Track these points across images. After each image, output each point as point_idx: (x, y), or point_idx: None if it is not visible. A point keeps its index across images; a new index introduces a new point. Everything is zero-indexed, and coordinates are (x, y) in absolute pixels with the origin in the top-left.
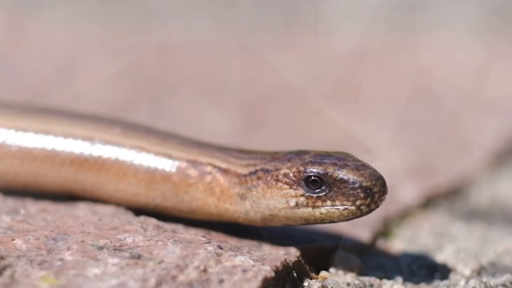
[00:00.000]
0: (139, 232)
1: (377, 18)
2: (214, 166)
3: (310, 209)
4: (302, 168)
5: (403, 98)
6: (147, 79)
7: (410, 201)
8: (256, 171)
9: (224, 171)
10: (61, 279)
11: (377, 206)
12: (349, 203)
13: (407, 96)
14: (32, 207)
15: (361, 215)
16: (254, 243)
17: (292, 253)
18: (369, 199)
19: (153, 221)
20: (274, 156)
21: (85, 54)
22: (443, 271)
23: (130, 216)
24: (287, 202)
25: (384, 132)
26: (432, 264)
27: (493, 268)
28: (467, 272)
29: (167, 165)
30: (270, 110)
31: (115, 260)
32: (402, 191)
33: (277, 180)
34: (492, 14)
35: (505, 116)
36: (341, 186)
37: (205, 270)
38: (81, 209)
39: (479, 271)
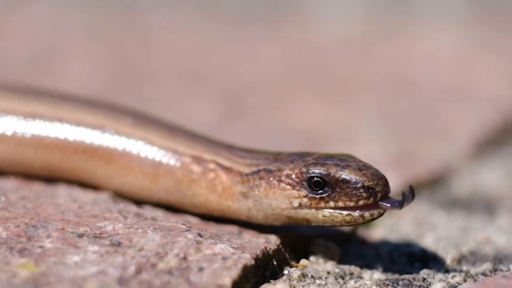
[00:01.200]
0: (119, 220)
1: (360, 9)
2: (218, 164)
3: (313, 211)
4: (304, 169)
5: (385, 87)
6: (129, 67)
7: (391, 189)
8: (259, 170)
9: (227, 169)
10: (41, 266)
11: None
12: (352, 203)
13: (389, 85)
14: (12, 194)
15: (363, 222)
16: (234, 231)
17: (272, 241)
18: (372, 199)
19: (133, 208)
20: (277, 157)
21: (67, 42)
22: (424, 260)
23: (110, 204)
24: (291, 202)
25: (366, 121)
26: (413, 252)
27: (473, 257)
28: (447, 260)
29: (172, 159)
30: (252, 98)
31: (95, 247)
32: None
33: (280, 181)
34: (474, 4)
35: (486, 105)
36: (343, 187)
37: (185, 258)
38: (62, 197)
39: (460, 260)
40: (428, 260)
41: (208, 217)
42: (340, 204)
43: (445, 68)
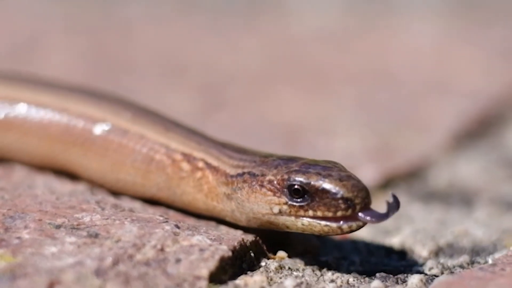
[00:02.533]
0: (96, 211)
1: (339, 2)
2: (206, 163)
3: (293, 218)
4: (286, 176)
5: (363, 80)
6: (108, 59)
7: (369, 181)
8: (243, 173)
9: (214, 169)
10: (18, 257)
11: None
12: (330, 214)
13: (368, 78)
14: None
15: (342, 234)
16: (212, 223)
17: (249, 233)
18: (350, 211)
19: (110, 200)
20: (264, 160)
21: (46, 35)
22: (401, 252)
23: (88, 195)
24: (271, 208)
25: (344, 113)
26: (390, 245)
27: (451, 249)
28: (424, 253)
29: (163, 156)
30: (231, 91)
31: (72, 238)
32: (361, 172)
33: (262, 186)
34: None
35: (464, 98)
36: (323, 196)
37: (162, 249)
38: (40, 188)
39: (437, 252)
40: (405, 252)
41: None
42: (319, 214)
43: (424, 61)
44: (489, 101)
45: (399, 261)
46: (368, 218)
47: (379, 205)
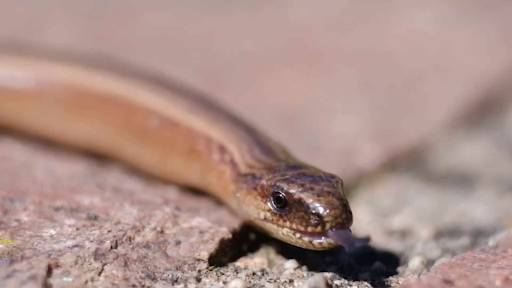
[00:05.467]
0: (96, 193)
1: None
2: (231, 158)
3: (275, 226)
4: (272, 183)
5: (364, 63)
6: (107, 42)
7: (368, 163)
8: (248, 174)
9: (233, 165)
10: (16, 240)
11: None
12: (302, 228)
13: (368, 61)
14: None
15: (314, 249)
16: (213, 205)
17: None
18: (319, 228)
19: (111, 182)
20: (272, 165)
21: (45, 17)
22: (401, 234)
23: (88, 177)
24: (258, 213)
25: (344, 95)
26: (389, 226)
27: (451, 231)
28: (425, 234)
29: (204, 144)
30: (231, 73)
31: (72, 221)
32: (360, 153)
33: (255, 189)
34: None
35: (465, 80)
36: (298, 209)
37: (162, 232)
38: (40, 170)
39: (437, 234)
40: (405, 234)
41: (187, 191)
42: (294, 226)
43: (425, 44)
44: (490, 83)
45: (399, 242)
46: (335, 238)
47: (382, 188)
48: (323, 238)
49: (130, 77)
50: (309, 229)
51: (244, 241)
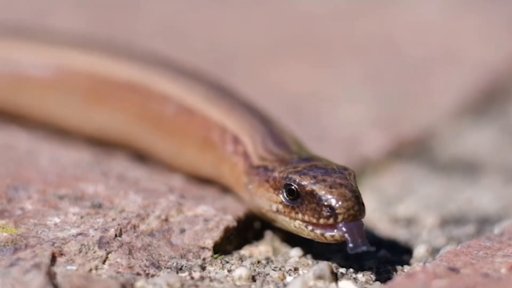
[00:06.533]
0: (101, 182)
1: None
2: (244, 149)
3: (287, 219)
4: (285, 175)
5: (369, 52)
6: (114, 33)
7: (374, 151)
8: (261, 166)
9: (246, 157)
10: (20, 228)
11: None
12: (314, 220)
13: (373, 50)
14: None
15: (326, 241)
16: (218, 193)
17: None
18: (331, 220)
19: (116, 170)
20: (285, 157)
21: (52, 7)
22: (406, 221)
23: (93, 165)
24: (270, 205)
25: (350, 83)
26: (395, 214)
27: (456, 219)
28: (430, 222)
29: (218, 134)
30: (237, 63)
31: (76, 209)
32: (366, 142)
33: (267, 181)
34: None
35: (471, 69)
36: (310, 200)
37: (166, 220)
38: (45, 158)
39: (442, 222)
40: (411, 222)
41: (192, 179)
42: (306, 218)
43: (431, 33)
44: (495, 71)
45: (405, 231)
46: (344, 230)
47: (388, 176)
48: (335, 230)
49: (147, 64)
50: (321, 221)
51: (249, 229)
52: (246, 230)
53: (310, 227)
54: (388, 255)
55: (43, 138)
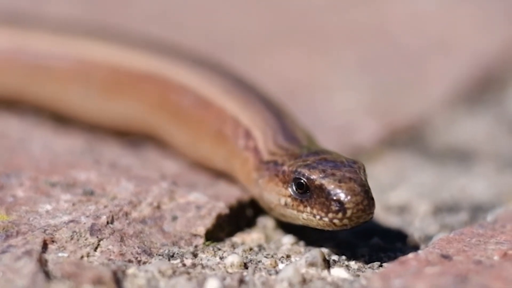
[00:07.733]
0: (93, 169)
1: None
2: (255, 144)
3: (295, 212)
4: (294, 169)
5: (364, 42)
6: (107, 18)
7: (368, 139)
8: (270, 161)
9: (257, 152)
10: (12, 215)
11: (354, 223)
12: (322, 214)
13: (368, 40)
14: None
15: (339, 229)
16: (210, 180)
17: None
18: (340, 214)
19: (108, 157)
20: (294, 151)
21: (47, 3)
22: (399, 209)
23: (85, 152)
24: (279, 199)
25: (345, 72)
26: (388, 201)
27: (449, 206)
28: (423, 209)
29: (231, 128)
30: (230, 52)
31: (68, 196)
32: (360, 130)
33: (277, 176)
34: None
35: (466, 58)
36: (320, 195)
37: (158, 207)
38: (37, 145)
39: (435, 209)
40: (404, 210)
41: (185, 166)
42: (314, 211)
43: (426, 22)
44: (490, 60)
45: (398, 218)
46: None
47: (381, 164)
48: None
49: (166, 55)
50: (330, 215)
51: (241, 216)
52: (239, 217)
53: (318, 216)
54: (380, 242)
55: (35, 125)
